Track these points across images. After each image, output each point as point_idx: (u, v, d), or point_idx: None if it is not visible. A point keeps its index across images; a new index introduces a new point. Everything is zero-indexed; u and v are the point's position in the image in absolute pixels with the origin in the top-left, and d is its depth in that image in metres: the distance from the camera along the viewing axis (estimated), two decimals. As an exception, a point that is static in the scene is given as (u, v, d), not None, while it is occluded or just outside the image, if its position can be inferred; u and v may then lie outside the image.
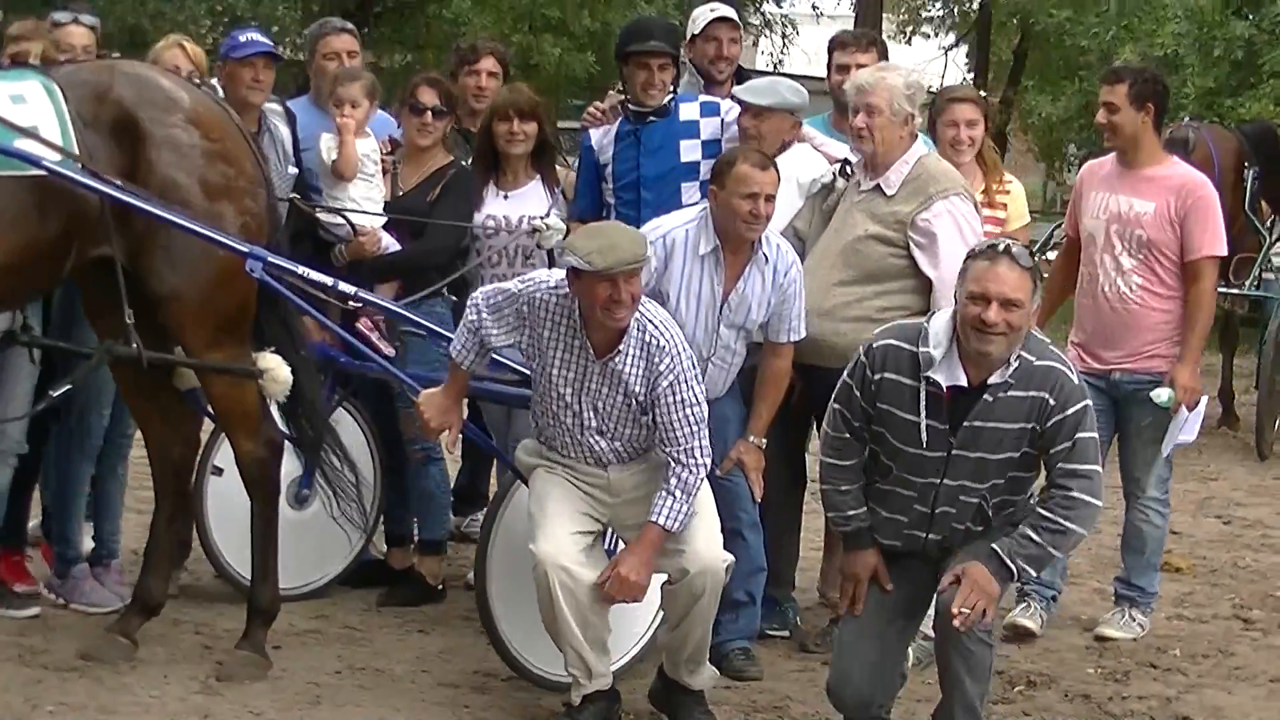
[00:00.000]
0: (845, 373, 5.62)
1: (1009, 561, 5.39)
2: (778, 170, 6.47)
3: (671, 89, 7.25)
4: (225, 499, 6.90)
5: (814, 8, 32.94)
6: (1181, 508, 9.73)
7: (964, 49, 35.08)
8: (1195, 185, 7.32)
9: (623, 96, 7.37)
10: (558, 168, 7.59)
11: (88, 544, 7.24)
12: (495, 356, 6.48)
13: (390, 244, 7.27)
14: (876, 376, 5.49)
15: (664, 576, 5.90)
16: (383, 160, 7.39)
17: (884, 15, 33.48)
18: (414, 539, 7.59)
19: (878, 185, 6.74)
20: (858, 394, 5.55)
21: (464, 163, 7.51)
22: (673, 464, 5.73)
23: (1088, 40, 20.88)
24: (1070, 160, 28.61)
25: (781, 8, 31.65)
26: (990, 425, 5.40)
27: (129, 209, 5.85)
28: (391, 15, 22.16)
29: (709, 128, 7.18)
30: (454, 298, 7.26)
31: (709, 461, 5.84)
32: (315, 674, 6.33)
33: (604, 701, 5.85)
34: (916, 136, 6.83)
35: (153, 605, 6.50)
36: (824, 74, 7.75)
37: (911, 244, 6.64)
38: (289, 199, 7.07)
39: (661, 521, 5.70)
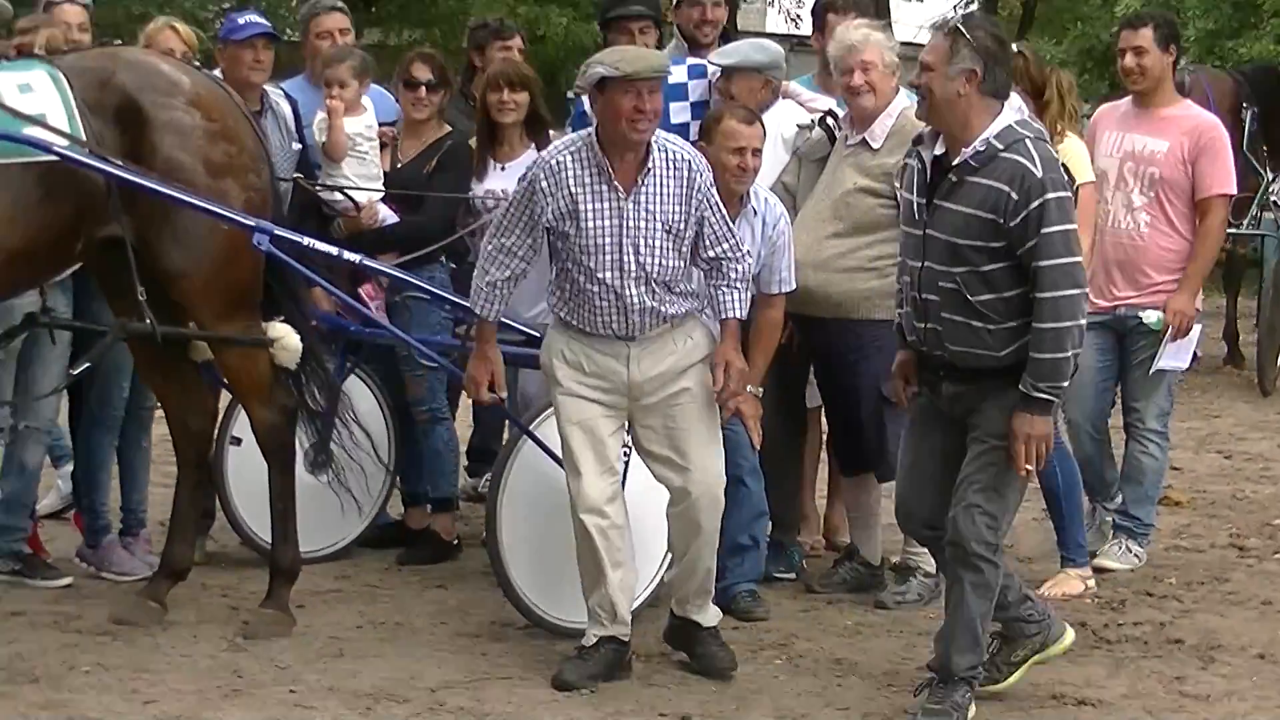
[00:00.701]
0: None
1: (1033, 392, 5.35)
2: (763, 125, 6.68)
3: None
4: (245, 467, 7.13)
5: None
6: (1183, 444, 9.94)
7: (975, 3, 35.04)
8: (1208, 126, 7.59)
9: None
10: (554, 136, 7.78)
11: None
12: (501, 319, 6.70)
13: (388, 216, 7.48)
14: (907, 159, 5.72)
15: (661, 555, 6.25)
16: (381, 134, 7.59)
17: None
18: (429, 498, 7.83)
19: (864, 139, 6.95)
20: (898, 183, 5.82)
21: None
22: (726, 262, 5.97)
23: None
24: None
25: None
26: (952, 207, 5.44)
27: (136, 190, 6.07)
28: (397, -6, 22.37)
29: (697, 90, 7.36)
30: (452, 265, 7.48)
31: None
32: (337, 629, 6.56)
33: (616, 643, 6.09)
34: (899, 90, 7.03)
35: (180, 570, 6.74)
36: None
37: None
38: (293, 178, 7.27)
39: (735, 313, 6.02)
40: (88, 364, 6.46)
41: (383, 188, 7.50)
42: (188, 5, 20.12)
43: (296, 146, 7.54)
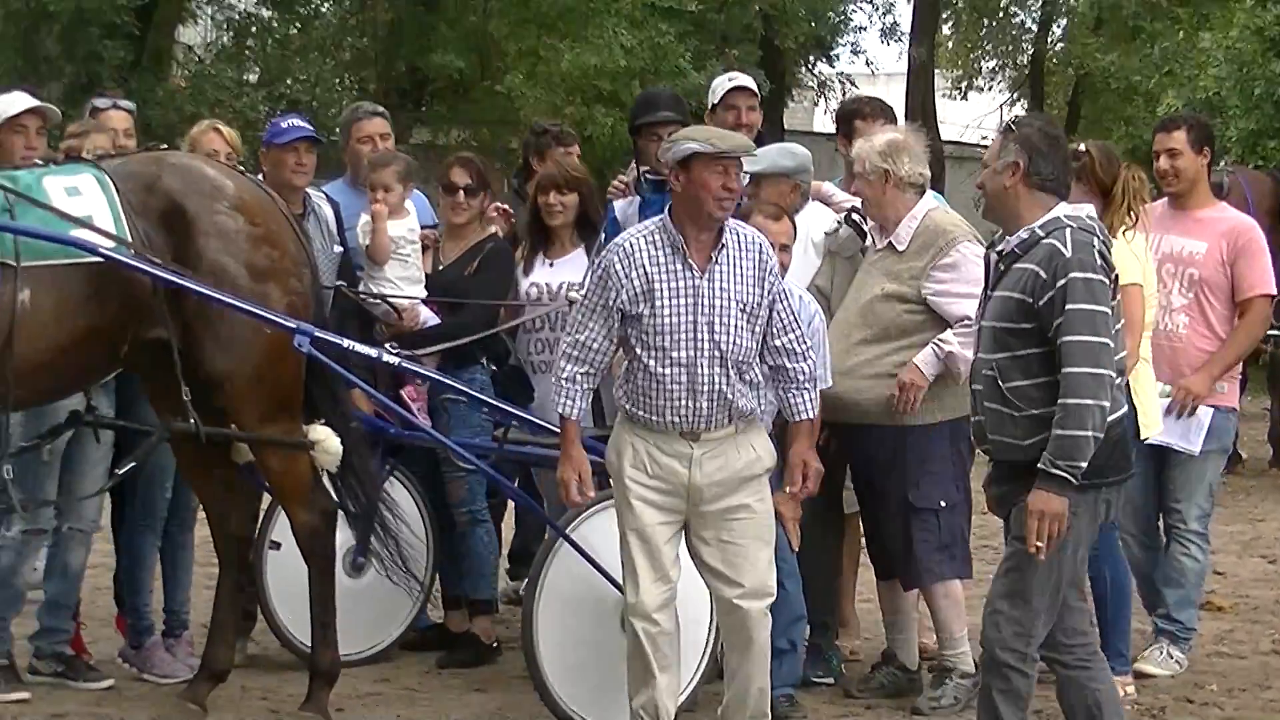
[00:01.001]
0: None
1: (1049, 468, 5.28)
2: (793, 222, 6.76)
3: None
4: (285, 571, 7.15)
5: (868, 63, 33.16)
6: (1226, 548, 9.87)
7: (1020, 103, 35.21)
8: (1245, 228, 7.63)
9: (639, 170, 7.64)
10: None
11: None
12: (544, 423, 6.76)
13: (429, 318, 7.56)
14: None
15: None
16: (424, 237, 7.67)
17: (937, 71, 33.72)
18: (469, 600, 7.83)
19: (890, 243, 6.99)
20: None
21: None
22: (792, 357, 6.05)
23: (1135, 80, 21.03)
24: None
25: (834, 67, 31.91)
26: (997, 294, 5.48)
27: (180, 292, 6.16)
28: (445, 93, 22.57)
29: None
30: (493, 367, 7.54)
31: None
32: (376, 732, 6.58)
33: None
34: (922, 192, 7.04)
35: (220, 672, 6.76)
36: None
37: (927, 296, 6.88)
38: (334, 286, 7.32)
39: (806, 415, 6.13)
40: (132, 464, 6.51)
41: (424, 290, 7.58)
42: (239, 105, 20.33)
43: (338, 250, 7.62)
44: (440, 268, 7.72)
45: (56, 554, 7.10)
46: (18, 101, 6.86)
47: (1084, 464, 5.31)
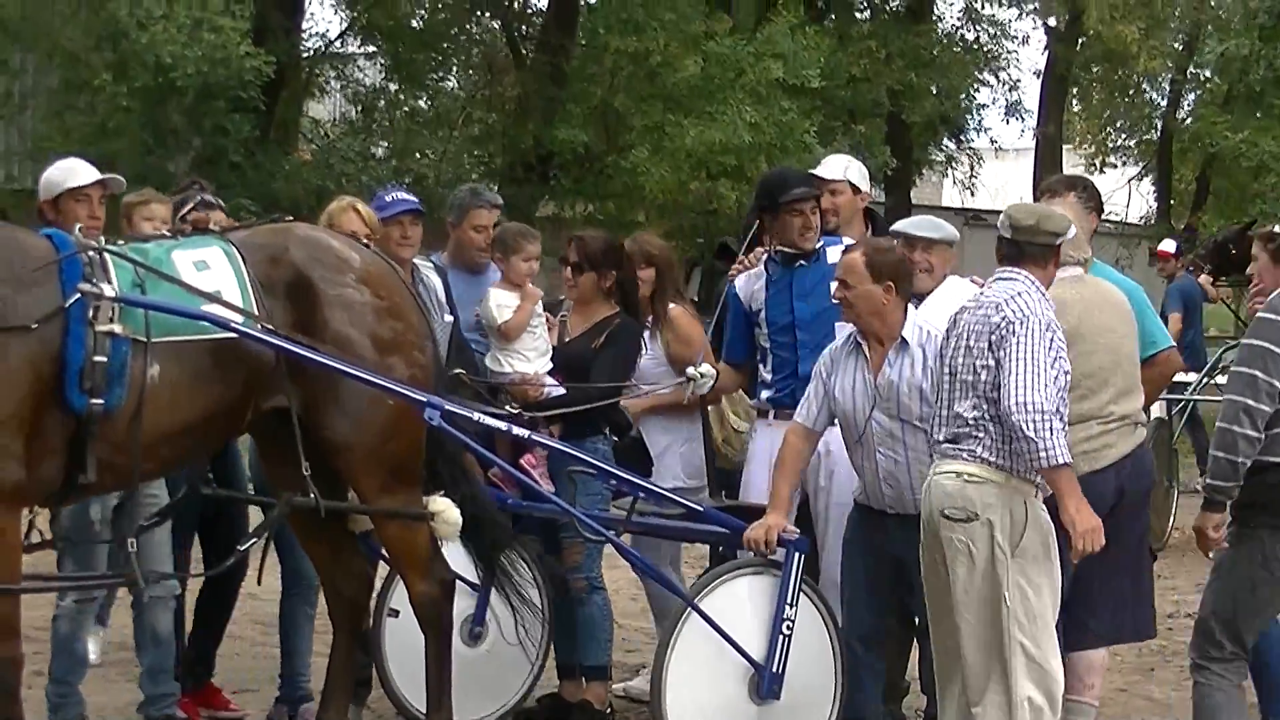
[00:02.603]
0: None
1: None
2: (862, 257, 6.88)
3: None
4: (402, 638, 7.23)
5: (992, 142, 33.11)
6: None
7: (1149, 179, 35.00)
8: None
9: (771, 245, 7.72)
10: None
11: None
12: (669, 494, 6.85)
13: (554, 389, 7.66)
14: None
15: None
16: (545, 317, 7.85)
17: (1066, 148, 33.58)
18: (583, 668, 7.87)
19: None
20: None
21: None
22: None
23: (1267, 157, 20.88)
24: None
25: (963, 144, 31.86)
26: None
27: (302, 362, 6.24)
28: (572, 165, 22.73)
29: None
30: (614, 438, 7.62)
31: None
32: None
33: None
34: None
35: (332, 738, 6.84)
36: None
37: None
38: (456, 374, 7.35)
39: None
40: (254, 539, 6.59)
41: (549, 363, 7.73)
42: (365, 179, 20.60)
43: (448, 319, 7.72)
44: (566, 340, 7.86)
45: (143, 623, 7.25)
46: (81, 172, 6.92)
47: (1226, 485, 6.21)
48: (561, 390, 7.66)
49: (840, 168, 8.07)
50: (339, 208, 7.67)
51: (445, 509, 6.63)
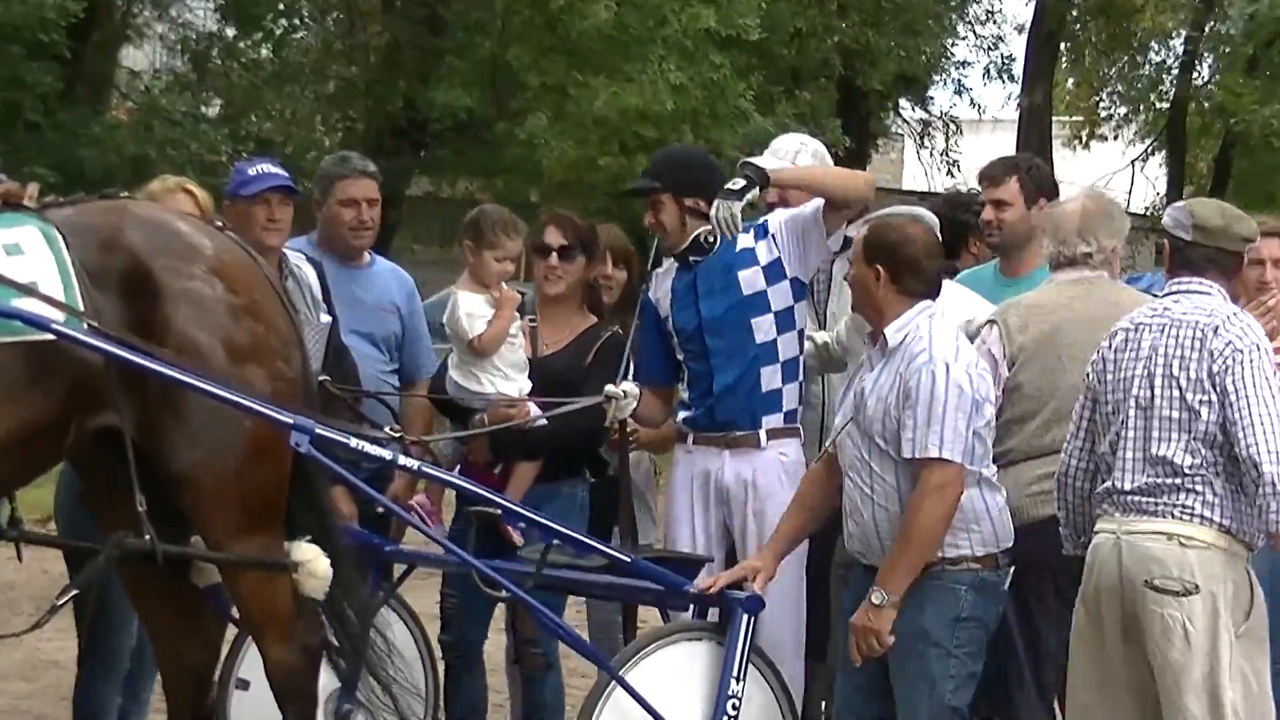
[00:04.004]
0: None
1: None
2: None
3: (703, 226, 7.47)
4: (253, 717, 7.16)
5: (973, 104, 33.31)
6: None
7: (1157, 158, 35.34)
8: None
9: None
10: None
11: None
12: (596, 543, 6.90)
13: (536, 413, 7.65)
14: None
15: None
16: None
17: (1055, 119, 33.90)
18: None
19: None
20: None
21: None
22: None
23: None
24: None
25: (929, 112, 32.10)
26: None
27: (143, 374, 6.17)
28: (452, 136, 22.69)
29: (766, 252, 7.49)
30: (593, 478, 7.70)
31: None
32: None
33: None
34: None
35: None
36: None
37: None
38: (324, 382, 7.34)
39: None
40: (71, 593, 6.51)
41: (528, 381, 7.76)
42: (195, 146, 20.50)
43: (325, 320, 7.69)
44: (544, 354, 7.87)
45: None
46: None
47: None
48: (544, 420, 7.65)
49: (790, 152, 8.07)
50: (163, 188, 7.58)
51: (312, 559, 6.58)
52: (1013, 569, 6.69)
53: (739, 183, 7.25)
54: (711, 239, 7.41)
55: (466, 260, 7.83)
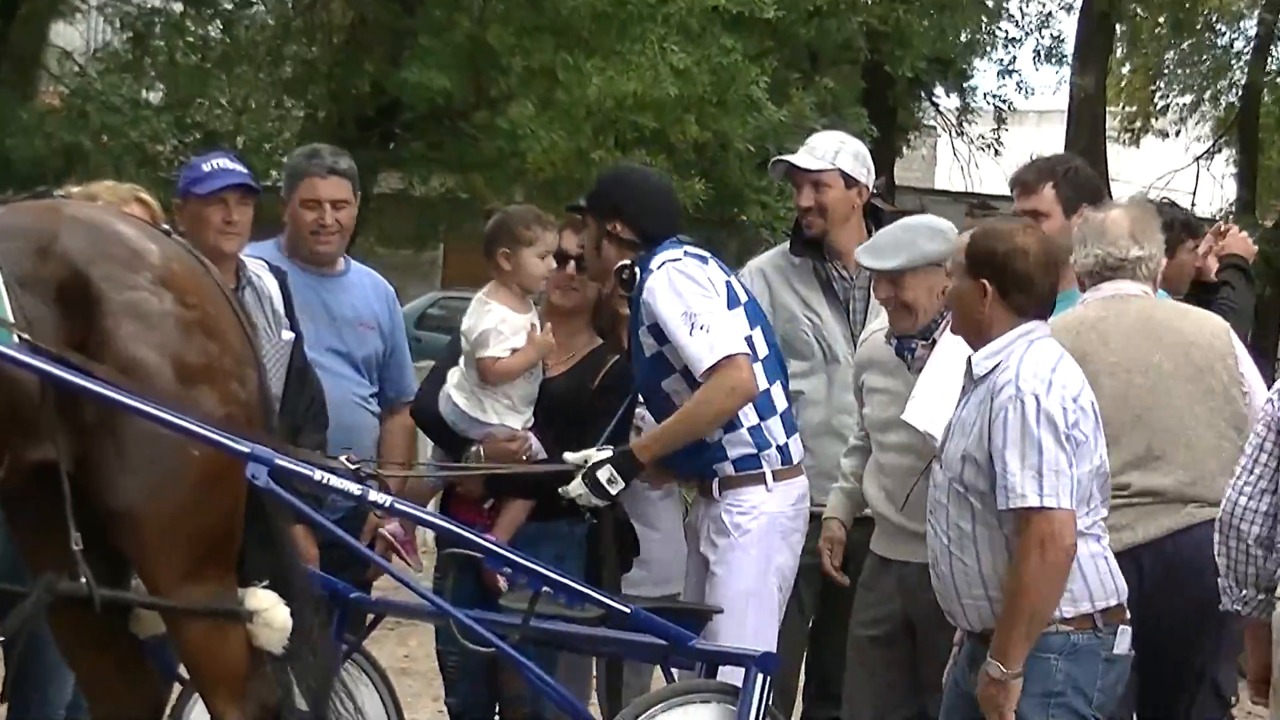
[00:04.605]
0: None
1: None
2: None
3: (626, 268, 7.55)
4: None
5: (1019, 87, 33.35)
6: None
7: (1225, 156, 35.35)
8: None
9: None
10: None
11: None
12: (590, 590, 6.93)
13: (538, 449, 7.74)
14: None
15: None
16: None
17: (1109, 110, 33.93)
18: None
19: None
20: None
21: None
22: None
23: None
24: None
25: (967, 100, 32.15)
26: None
27: (77, 398, 6.18)
28: (426, 126, 22.68)
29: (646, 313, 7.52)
30: (594, 520, 7.66)
31: None
32: None
33: None
34: None
35: None
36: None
37: None
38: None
39: None
40: (2, 640, 6.54)
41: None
42: (137, 134, 20.51)
43: (286, 337, 7.70)
44: (546, 378, 7.91)
45: None
46: None
47: None
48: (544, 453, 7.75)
49: (829, 151, 8.15)
50: (114, 196, 7.56)
51: (269, 607, 6.59)
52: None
53: (606, 475, 7.29)
54: (626, 275, 7.51)
55: (500, 270, 7.86)
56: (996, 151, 32.43)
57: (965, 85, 31.21)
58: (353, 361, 8.14)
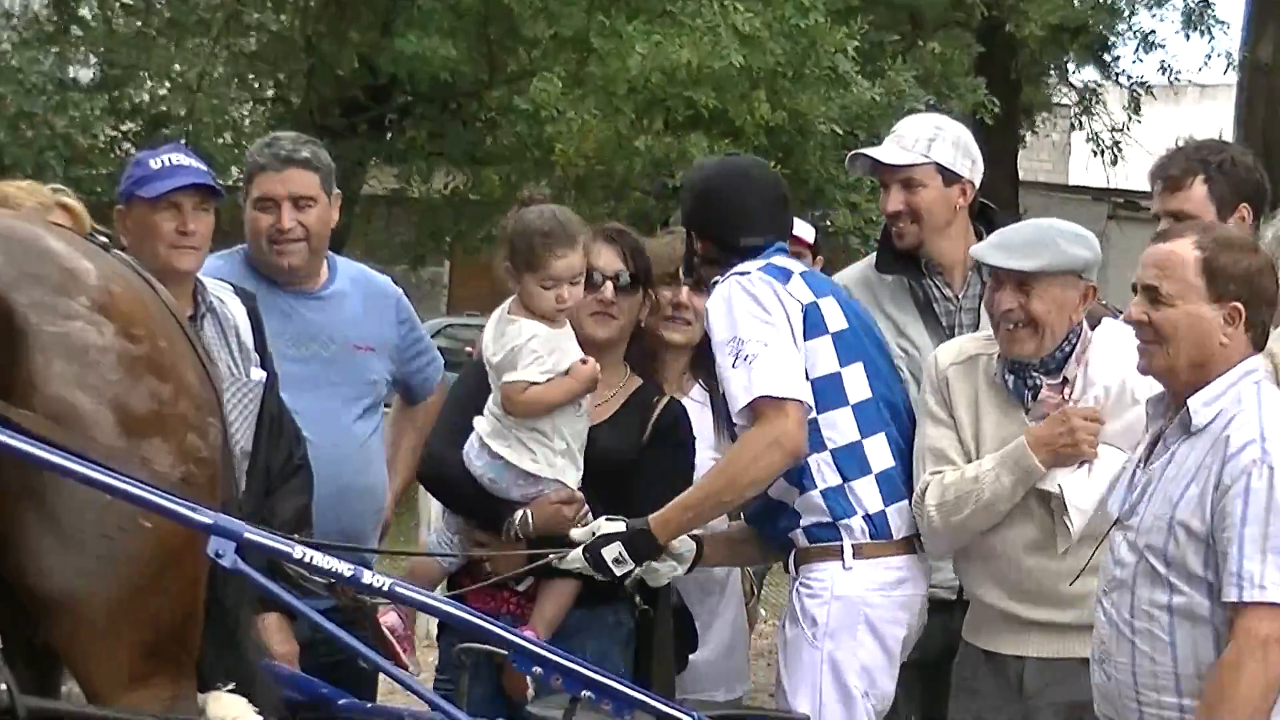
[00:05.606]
0: None
1: None
2: None
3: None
4: None
5: (1163, 69, 33.39)
6: None
7: None
8: None
9: None
10: None
11: None
12: (643, 695, 7.02)
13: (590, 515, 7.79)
14: None
15: None
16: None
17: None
18: None
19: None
20: None
21: None
22: None
23: None
24: None
25: (1109, 76, 32.23)
26: None
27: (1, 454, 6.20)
28: (427, 109, 22.75)
29: None
30: (646, 606, 7.82)
31: None
32: None
33: None
34: None
35: None
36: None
37: None
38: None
39: None
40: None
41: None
42: (62, 123, 20.62)
43: (257, 376, 7.75)
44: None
45: None
46: None
47: None
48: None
49: (921, 140, 8.17)
50: (34, 202, 7.44)
51: (237, 716, 6.65)
52: None
53: (613, 553, 7.41)
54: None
55: (518, 279, 7.92)
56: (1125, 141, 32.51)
57: (1102, 56, 31.21)
58: (348, 399, 8.17)
